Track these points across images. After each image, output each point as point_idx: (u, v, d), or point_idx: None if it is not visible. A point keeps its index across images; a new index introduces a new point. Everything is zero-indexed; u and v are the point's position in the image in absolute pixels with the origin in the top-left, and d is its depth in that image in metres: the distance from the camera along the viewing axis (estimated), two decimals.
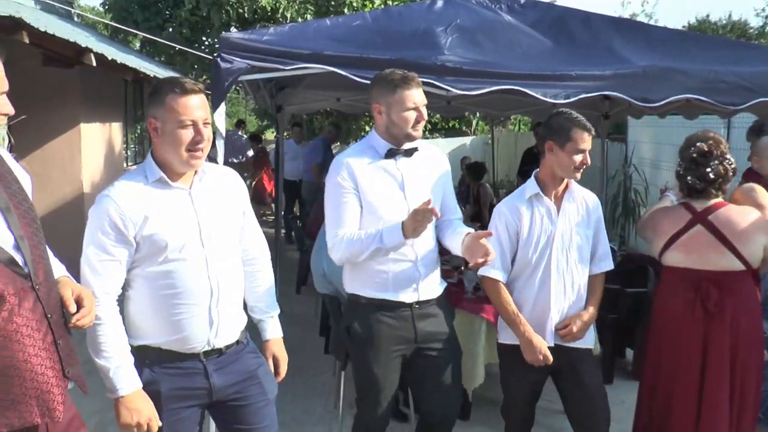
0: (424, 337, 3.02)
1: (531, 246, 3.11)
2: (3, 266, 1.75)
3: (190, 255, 2.32)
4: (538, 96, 3.93)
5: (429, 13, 4.40)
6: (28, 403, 1.80)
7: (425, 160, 3.05)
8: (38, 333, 1.82)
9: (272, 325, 2.72)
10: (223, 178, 2.53)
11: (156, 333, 2.36)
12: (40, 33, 5.05)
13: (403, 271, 2.94)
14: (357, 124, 14.95)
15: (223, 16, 10.40)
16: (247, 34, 3.74)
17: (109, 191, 2.30)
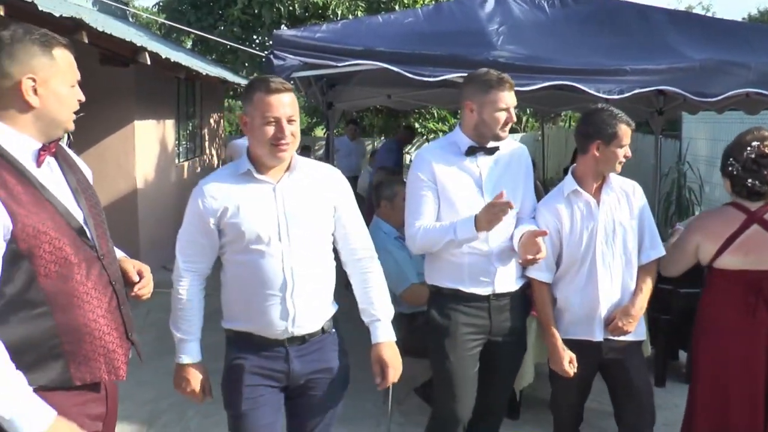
0: (497, 331, 3.07)
1: (574, 242, 3.09)
2: (75, 235, 1.92)
3: (267, 247, 2.42)
4: (590, 91, 3.87)
5: (480, 9, 4.38)
6: (97, 360, 1.95)
7: (506, 158, 3.09)
8: (104, 297, 1.98)
9: (378, 328, 2.66)
10: (318, 175, 2.58)
11: (243, 318, 2.51)
12: (98, 33, 5.19)
13: (477, 264, 2.99)
14: (406, 121, 14.95)
15: (274, 13, 10.51)
16: (300, 31, 3.78)
17: (202, 181, 2.52)
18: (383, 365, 2.63)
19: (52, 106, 1.88)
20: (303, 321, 2.49)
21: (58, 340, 1.87)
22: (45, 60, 1.86)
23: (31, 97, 1.84)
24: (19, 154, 1.86)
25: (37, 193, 1.86)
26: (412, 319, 4.13)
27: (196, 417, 4.38)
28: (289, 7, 10.43)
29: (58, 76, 1.89)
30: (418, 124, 15.65)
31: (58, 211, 1.90)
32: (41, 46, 1.86)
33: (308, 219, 2.48)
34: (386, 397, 4.47)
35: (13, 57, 1.83)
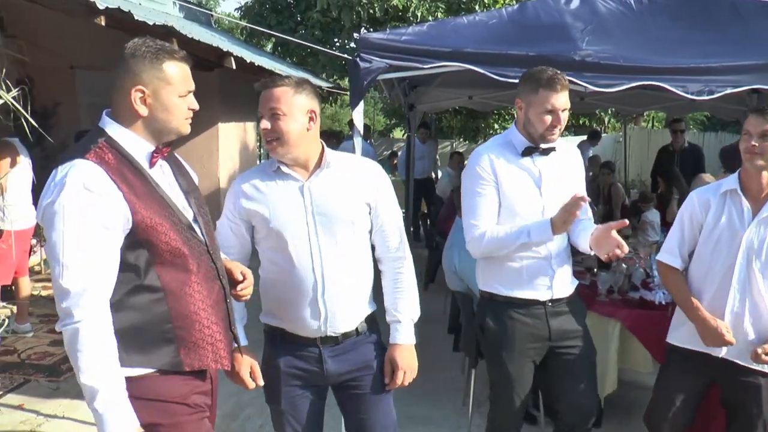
0: (558, 336, 2.99)
1: (712, 244, 2.93)
2: (186, 229, 2.06)
3: (296, 246, 2.41)
4: (678, 92, 3.76)
5: (565, 7, 4.30)
6: (205, 348, 2.07)
7: (562, 158, 3.02)
8: (213, 289, 2.12)
9: (398, 329, 2.60)
10: (353, 171, 2.52)
11: (277, 315, 2.53)
12: (187, 39, 5.38)
13: (537, 268, 2.93)
14: (486, 122, 14.85)
15: (354, 16, 10.61)
16: (386, 34, 3.81)
17: (238, 179, 2.55)
18: (395, 367, 2.57)
19: (160, 115, 2.02)
20: (336, 321, 2.46)
21: (171, 325, 2.00)
22: (154, 73, 1.98)
23: (140, 107, 1.99)
24: (136, 154, 2.01)
25: (152, 189, 2.01)
26: None
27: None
28: (368, 9, 10.50)
29: (167, 88, 2.00)
30: (497, 125, 15.52)
31: (170, 206, 2.05)
32: (152, 59, 1.98)
33: (340, 218, 2.43)
34: (466, 399, 4.46)
35: (127, 70, 1.98)
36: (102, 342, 1.85)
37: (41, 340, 5.86)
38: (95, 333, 1.84)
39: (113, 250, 1.90)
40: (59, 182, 1.87)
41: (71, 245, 1.84)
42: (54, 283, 1.87)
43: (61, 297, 1.85)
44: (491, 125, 15.67)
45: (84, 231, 1.85)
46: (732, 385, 2.98)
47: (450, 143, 18.14)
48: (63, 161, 1.93)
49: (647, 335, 4.07)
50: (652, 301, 4.15)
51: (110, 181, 1.90)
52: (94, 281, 1.85)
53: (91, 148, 1.94)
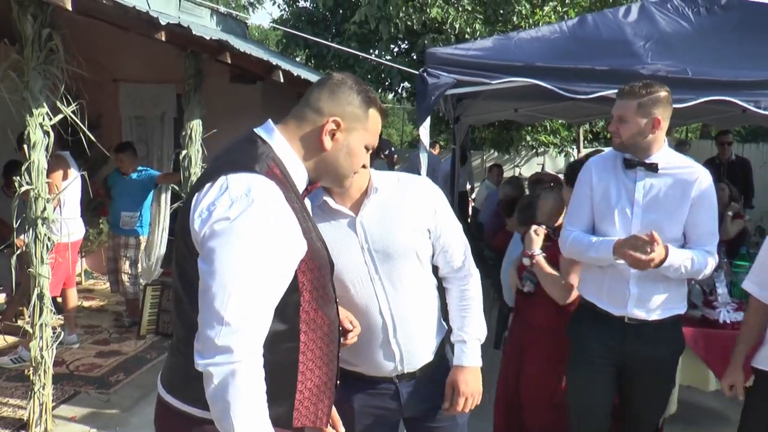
0: (632, 356, 2.94)
1: None
2: (330, 272, 1.88)
3: (357, 290, 2.24)
4: (750, 107, 3.69)
5: (623, 20, 4.27)
6: (314, 405, 1.84)
7: (670, 179, 2.86)
8: (333, 343, 1.88)
9: (462, 350, 2.41)
10: (404, 194, 2.30)
11: (350, 360, 2.30)
12: (240, 53, 5.40)
13: (616, 285, 2.91)
14: (519, 134, 14.78)
15: (392, 28, 10.61)
16: (453, 48, 3.80)
17: None
18: (456, 391, 2.36)
19: (341, 155, 1.83)
20: (412, 358, 2.31)
21: (295, 378, 1.77)
22: (358, 112, 1.83)
23: (326, 140, 1.79)
24: (297, 183, 1.79)
25: (313, 224, 1.80)
26: None
27: None
28: (406, 21, 10.50)
29: (361, 132, 1.85)
30: (529, 136, 15.43)
31: (325, 246, 1.83)
32: (362, 99, 1.84)
33: (400, 251, 2.24)
34: None
35: (333, 96, 1.81)
36: (259, 390, 1.58)
37: (87, 351, 5.90)
38: (255, 378, 1.57)
39: (284, 287, 1.66)
40: (240, 198, 1.59)
41: (247, 271, 1.56)
42: (206, 311, 1.57)
43: (215, 328, 1.54)
44: (524, 137, 15.58)
45: (265, 258, 1.58)
46: None
47: (481, 155, 18.07)
48: (227, 171, 1.64)
49: (711, 354, 3.98)
50: (715, 320, 4.06)
51: (290, 207, 1.66)
52: (261, 318, 1.60)
53: (265, 164, 1.68)
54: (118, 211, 6.69)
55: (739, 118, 7.28)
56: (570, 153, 16.14)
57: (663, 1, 4.47)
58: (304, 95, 1.86)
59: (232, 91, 7.46)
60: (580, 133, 13.32)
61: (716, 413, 4.92)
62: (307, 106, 1.81)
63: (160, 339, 6.30)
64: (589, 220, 3.00)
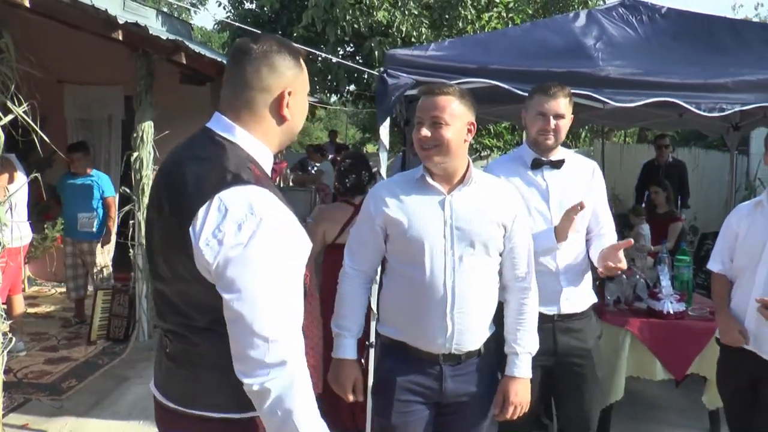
0: (565, 351, 3.01)
1: (744, 250, 3.18)
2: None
3: (431, 259, 2.37)
4: (692, 109, 3.87)
5: (573, 26, 4.42)
6: (318, 372, 1.91)
7: (574, 173, 3.06)
8: (319, 333, 1.94)
9: (515, 363, 2.55)
10: (493, 191, 2.50)
11: (399, 326, 2.48)
12: (194, 54, 5.38)
13: (545, 282, 2.88)
14: None
15: (338, 31, 10.64)
16: (412, 50, 3.87)
17: (380, 184, 2.54)
18: (506, 399, 2.53)
19: (298, 118, 1.83)
20: (461, 339, 2.41)
21: None
22: (297, 71, 1.79)
23: (286, 112, 1.77)
24: (267, 169, 1.78)
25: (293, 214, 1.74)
26: None
27: None
28: (353, 24, 10.55)
29: (304, 87, 1.83)
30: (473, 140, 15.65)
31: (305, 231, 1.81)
32: (293, 56, 1.78)
33: (477, 235, 2.40)
34: None
35: (273, 69, 1.74)
36: (311, 389, 1.63)
37: (36, 358, 5.78)
38: (308, 380, 1.61)
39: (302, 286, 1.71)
40: (247, 217, 1.57)
41: (275, 288, 1.57)
42: (245, 334, 1.56)
43: (260, 348, 1.55)
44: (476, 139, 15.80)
45: (287, 270, 1.61)
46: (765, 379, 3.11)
47: None
48: (217, 188, 1.60)
49: (656, 343, 4.18)
50: (660, 311, 4.24)
51: (286, 208, 1.68)
52: (298, 323, 1.63)
53: (246, 168, 1.66)
54: (73, 214, 6.56)
55: (675, 123, 7.59)
56: None
57: (608, 9, 4.65)
58: (233, 78, 1.77)
59: (182, 93, 7.39)
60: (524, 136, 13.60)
61: (656, 401, 5.16)
62: (250, 89, 1.74)
63: (111, 344, 6.21)
64: None
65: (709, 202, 10.03)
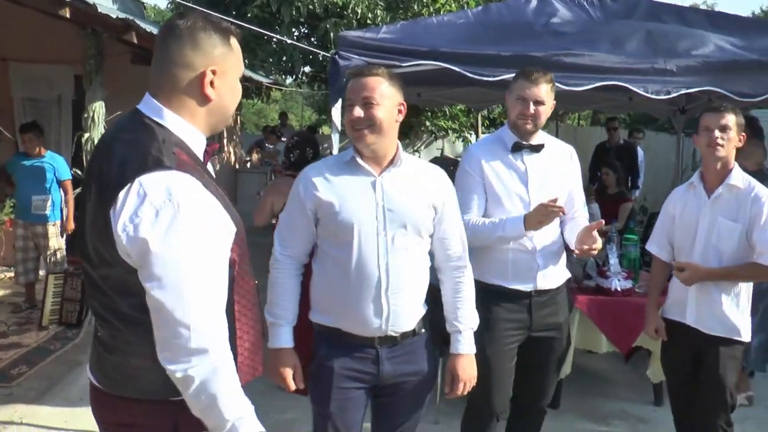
0: (538, 326, 3.12)
1: (680, 229, 3.33)
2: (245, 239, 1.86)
3: (364, 241, 2.37)
4: (640, 92, 3.97)
5: (526, 10, 4.48)
6: (258, 354, 1.93)
7: (553, 157, 3.13)
8: (256, 306, 1.92)
9: (458, 340, 2.61)
10: (423, 174, 2.52)
11: (332, 312, 2.47)
12: (145, 33, 5.29)
13: (521, 260, 3.04)
14: (417, 119, 15.03)
15: (293, 12, 10.54)
16: (364, 32, 3.89)
17: (307, 168, 2.49)
18: (455, 377, 2.60)
19: (227, 99, 1.78)
20: (397, 320, 2.43)
21: (234, 344, 1.78)
22: (225, 50, 1.73)
23: (209, 90, 1.72)
24: (198, 153, 1.75)
25: (227, 201, 1.74)
26: None
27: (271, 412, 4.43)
28: (308, 5, 10.45)
29: (235, 68, 1.78)
30: (429, 122, 15.70)
31: (236, 213, 1.79)
32: (221, 35, 1.73)
33: (408, 216, 2.42)
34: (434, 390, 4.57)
35: (197, 46, 1.69)
36: (235, 374, 1.64)
37: None
38: (231, 366, 1.63)
39: (227, 272, 1.69)
40: (163, 203, 1.56)
41: (195, 276, 1.57)
42: (168, 322, 1.57)
43: (183, 335, 1.55)
44: (423, 122, 15.84)
45: (207, 257, 1.60)
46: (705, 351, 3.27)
47: None
48: (138, 172, 1.58)
49: (603, 319, 4.34)
50: (608, 288, 4.37)
51: (210, 194, 1.65)
52: (221, 310, 1.63)
53: (170, 152, 1.63)
54: (27, 196, 6.41)
55: (626, 106, 7.75)
56: (468, 138, 16.54)
57: None
58: (159, 55, 1.73)
59: (134, 73, 7.24)
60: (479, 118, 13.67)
61: (605, 375, 5.31)
62: (174, 66, 1.69)
63: (64, 329, 6.10)
64: (482, 206, 3.08)
65: (658, 182, 10.28)
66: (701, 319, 3.24)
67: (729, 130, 3.10)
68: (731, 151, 3.16)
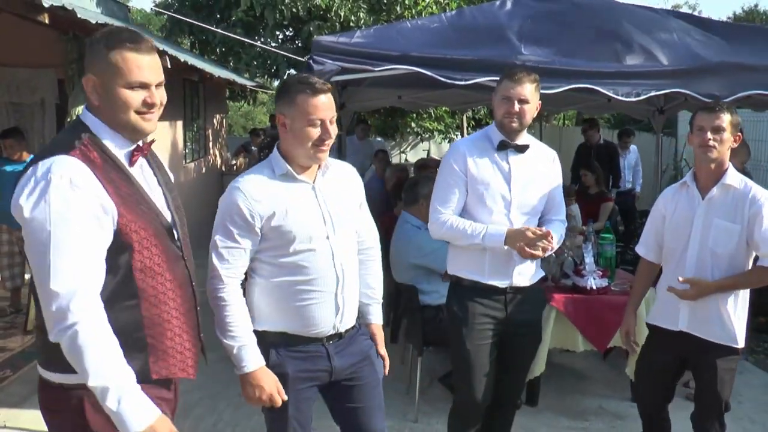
0: (513, 323, 3.18)
1: (671, 231, 3.23)
2: (165, 234, 2.01)
3: (317, 246, 2.44)
4: (609, 94, 4.05)
5: (500, 13, 4.55)
6: (173, 356, 2.02)
7: (537, 159, 3.20)
8: (184, 297, 2.07)
9: (373, 311, 2.79)
10: (342, 173, 2.63)
11: (281, 319, 2.49)
12: None
13: (499, 257, 3.09)
14: (404, 121, 15.13)
15: (277, 15, 10.61)
16: (337, 37, 3.95)
17: (239, 183, 2.43)
18: (377, 343, 2.76)
19: (108, 106, 1.91)
20: (346, 317, 2.55)
21: (143, 333, 1.93)
22: (104, 61, 1.86)
23: (93, 96, 1.91)
24: (116, 150, 1.93)
25: (136, 190, 1.94)
26: (437, 310, 4.31)
27: (228, 409, 4.51)
28: (292, 8, 10.53)
29: (115, 77, 1.87)
30: (414, 123, 15.81)
31: (152, 209, 1.98)
32: (106, 47, 1.87)
33: (346, 215, 2.55)
34: (410, 388, 4.64)
35: (89, 55, 1.91)
36: (103, 339, 1.77)
37: None
38: (95, 331, 1.75)
39: (102, 249, 1.83)
40: (41, 178, 1.77)
41: (60, 245, 1.74)
42: (40, 288, 1.76)
43: (50, 301, 1.73)
44: (409, 124, 15.94)
45: (73, 229, 1.76)
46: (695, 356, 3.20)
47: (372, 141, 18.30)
48: (43, 156, 1.83)
49: (580, 318, 4.38)
50: (584, 287, 4.44)
51: (96, 179, 1.82)
52: (86, 281, 1.77)
53: (75, 144, 1.85)
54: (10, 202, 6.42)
55: (606, 106, 7.84)
56: (454, 139, 16.66)
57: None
58: None
59: None
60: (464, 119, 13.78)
61: (582, 373, 5.38)
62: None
63: None
64: (461, 202, 3.15)
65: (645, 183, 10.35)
66: (696, 324, 3.15)
67: (723, 131, 3.01)
68: (725, 152, 3.06)
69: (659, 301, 3.33)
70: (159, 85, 1.96)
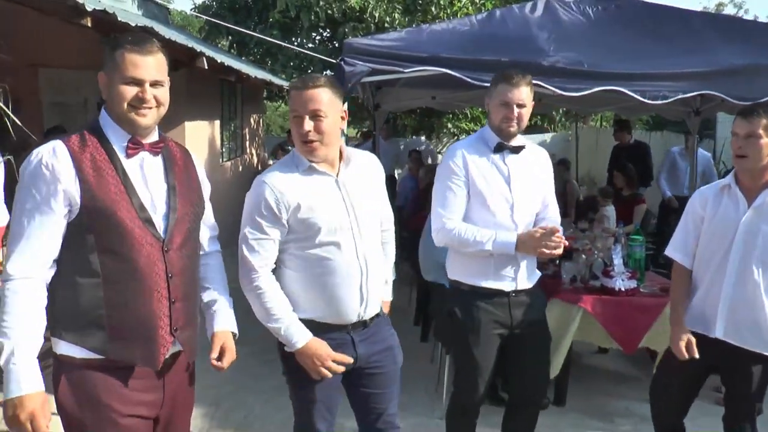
0: (518, 324, 3.20)
1: (709, 233, 3.09)
2: (141, 223, 2.10)
3: (342, 238, 2.52)
4: (636, 97, 4.06)
5: (530, 15, 4.59)
6: (135, 343, 2.10)
7: (532, 159, 3.23)
8: (156, 287, 2.13)
9: (386, 288, 2.87)
10: (364, 163, 2.70)
11: (310, 308, 2.56)
12: (165, 40, 5.49)
13: (504, 262, 3.09)
14: (439, 121, 15.14)
15: (313, 17, 10.72)
16: (369, 39, 4.03)
17: (265, 177, 2.52)
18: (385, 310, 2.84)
19: (110, 99, 2.11)
20: (370, 306, 2.62)
21: (103, 312, 2.06)
22: (110, 59, 2.08)
23: (103, 91, 2.12)
24: (115, 142, 2.12)
25: (118, 178, 2.08)
26: None
27: (257, 402, 4.56)
28: (327, 10, 10.63)
29: (114, 73, 2.07)
30: (450, 123, 15.80)
31: (131, 198, 2.09)
32: (112, 47, 2.10)
33: (369, 206, 2.62)
34: (438, 386, 4.69)
35: (104, 56, 2.12)
36: (23, 302, 1.97)
37: None
38: (19, 293, 1.97)
39: (50, 229, 2.01)
40: (29, 158, 2.04)
41: (19, 214, 2.01)
42: None
43: (6, 259, 2.02)
44: (445, 124, 15.92)
45: (29, 204, 2.00)
46: (730, 366, 3.11)
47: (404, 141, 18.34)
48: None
49: (607, 318, 4.39)
50: (612, 288, 4.45)
51: (70, 162, 2.01)
52: (30, 251, 1.99)
53: (77, 132, 2.10)
54: None
55: (641, 108, 7.78)
56: None
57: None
58: None
59: None
60: None
61: (611, 373, 5.37)
62: None
63: None
64: (464, 206, 3.13)
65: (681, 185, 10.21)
66: (734, 332, 3.03)
67: (757, 137, 2.90)
68: (765, 157, 2.93)
69: (692, 307, 3.16)
70: (156, 84, 2.10)
